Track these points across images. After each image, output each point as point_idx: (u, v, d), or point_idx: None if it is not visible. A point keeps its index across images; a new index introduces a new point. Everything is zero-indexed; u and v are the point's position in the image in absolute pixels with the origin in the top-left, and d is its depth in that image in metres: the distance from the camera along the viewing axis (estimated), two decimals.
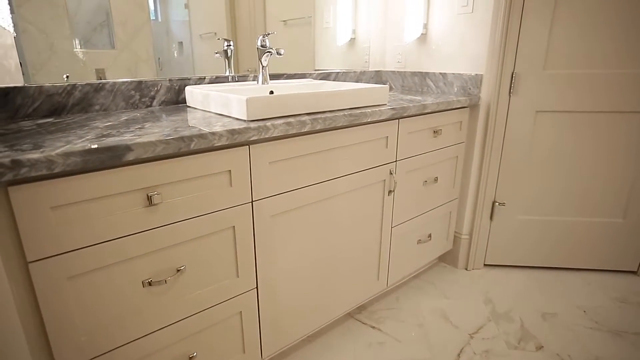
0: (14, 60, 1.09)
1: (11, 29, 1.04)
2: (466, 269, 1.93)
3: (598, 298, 1.70)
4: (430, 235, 1.74)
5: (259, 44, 1.39)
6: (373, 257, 1.50)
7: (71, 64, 1.20)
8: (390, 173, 1.43)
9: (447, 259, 1.99)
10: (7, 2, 1.03)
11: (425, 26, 1.86)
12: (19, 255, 0.73)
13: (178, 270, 0.95)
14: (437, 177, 1.67)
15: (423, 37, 1.89)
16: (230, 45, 1.52)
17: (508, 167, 1.80)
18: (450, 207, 1.82)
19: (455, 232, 1.92)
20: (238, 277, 1.07)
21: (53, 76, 1.16)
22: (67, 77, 1.19)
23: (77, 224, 0.77)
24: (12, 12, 1.06)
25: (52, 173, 0.72)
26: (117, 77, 1.28)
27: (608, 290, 1.75)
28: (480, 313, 1.60)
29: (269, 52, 1.38)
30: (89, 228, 0.79)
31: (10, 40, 1.07)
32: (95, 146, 0.75)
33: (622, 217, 1.80)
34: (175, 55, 1.41)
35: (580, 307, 1.64)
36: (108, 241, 0.82)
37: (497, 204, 1.86)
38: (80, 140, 0.80)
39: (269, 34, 1.41)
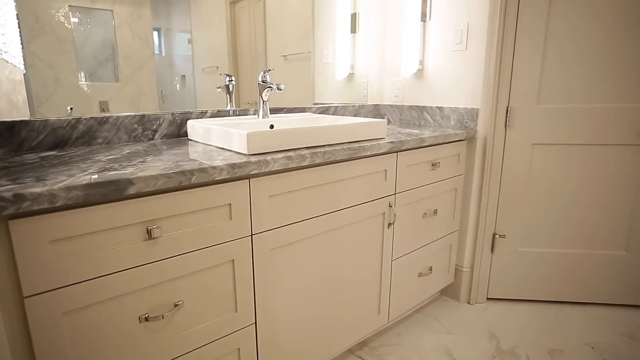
0: (21, 95, 1.12)
1: (22, 67, 1.08)
2: (469, 303, 1.89)
3: (605, 334, 1.66)
4: (431, 268, 1.72)
5: (259, 79, 1.44)
6: (374, 290, 1.47)
7: (75, 97, 1.23)
8: (390, 206, 1.43)
9: (449, 292, 1.95)
10: (19, 41, 1.07)
11: (421, 62, 1.92)
12: (14, 290, 0.72)
13: (176, 305, 0.93)
14: (436, 210, 1.68)
15: (419, 73, 1.94)
16: (232, 80, 1.57)
17: (507, 199, 1.81)
18: (450, 240, 1.81)
19: (456, 264, 1.90)
20: (237, 312, 1.05)
21: (57, 108, 1.19)
22: (71, 109, 1.21)
23: (75, 258, 0.77)
24: (22, 46, 1.10)
25: (53, 207, 0.72)
26: (120, 109, 1.31)
27: (615, 326, 1.71)
28: (485, 349, 1.56)
29: (270, 87, 1.42)
30: (87, 262, 0.78)
31: (20, 77, 1.11)
32: (98, 180, 0.76)
33: (625, 249, 1.79)
34: (178, 88, 1.45)
35: (588, 343, 1.60)
36: (105, 275, 0.81)
37: (497, 236, 1.85)
38: (82, 174, 0.81)
39: (269, 70, 1.45)
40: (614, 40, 1.60)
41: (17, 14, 1.06)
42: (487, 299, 1.93)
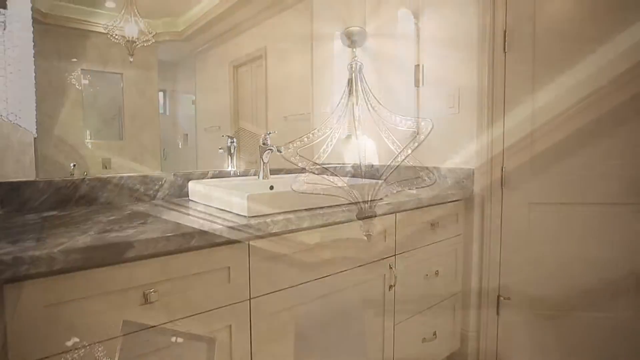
0: (29, 156, 1.16)
1: (33, 130, 1.12)
2: None
3: None
4: (435, 333, 1.65)
5: (260, 141, 1.48)
6: (376, 358, 1.40)
7: (80, 154, 1.26)
8: (390, 267, 1.41)
9: (456, 359, 1.85)
10: (34, 107, 1.12)
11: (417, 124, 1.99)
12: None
13: None
14: (437, 271, 1.65)
15: (415, 134, 2.01)
16: (233, 142, 1.62)
17: (509, 259, 1.78)
18: (453, 302, 1.76)
19: (461, 329, 1.83)
20: None
21: (61, 165, 1.22)
22: (74, 165, 1.24)
23: (68, 324, 0.74)
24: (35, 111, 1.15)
25: (51, 270, 0.72)
26: (123, 165, 1.33)
27: None
28: None
29: (270, 149, 1.47)
30: (80, 329, 0.75)
31: (30, 139, 1.15)
32: (97, 243, 0.76)
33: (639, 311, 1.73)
34: (180, 146, 1.49)
35: None
36: (97, 343, 0.78)
37: (502, 298, 1.80)
38: (82, 236, 0.81)
39: (270, 133, 1.50)
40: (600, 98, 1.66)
41: (35, 83, 1.13)
42: None
